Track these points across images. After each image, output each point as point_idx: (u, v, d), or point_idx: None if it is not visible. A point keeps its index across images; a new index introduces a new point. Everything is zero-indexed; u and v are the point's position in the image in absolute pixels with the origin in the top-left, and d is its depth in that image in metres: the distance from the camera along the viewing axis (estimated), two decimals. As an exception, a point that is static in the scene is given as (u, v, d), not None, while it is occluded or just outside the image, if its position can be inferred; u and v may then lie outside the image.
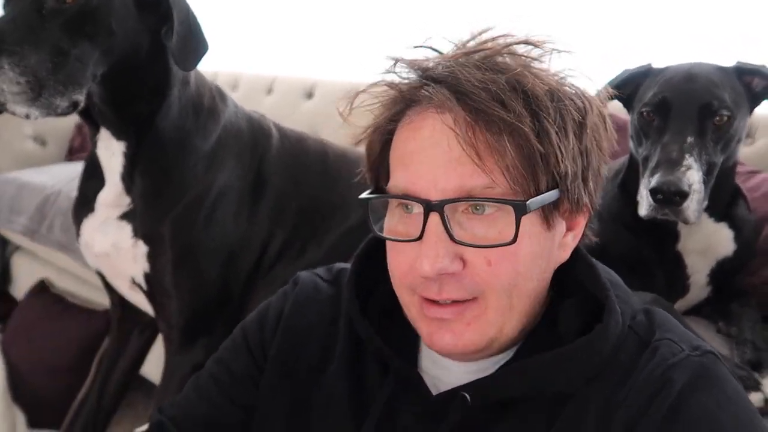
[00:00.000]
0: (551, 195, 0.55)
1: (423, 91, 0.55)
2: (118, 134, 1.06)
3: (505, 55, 0.56)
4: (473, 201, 0.54)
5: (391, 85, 0.59)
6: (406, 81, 0.58)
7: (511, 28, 0.59)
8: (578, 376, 0.56)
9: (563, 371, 0.56)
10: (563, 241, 0.60)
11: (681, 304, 1.12)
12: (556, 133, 0.54)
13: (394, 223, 0.58)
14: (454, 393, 0.58)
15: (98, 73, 0.97)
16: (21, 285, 2.11)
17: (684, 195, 0.91)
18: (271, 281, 1.16)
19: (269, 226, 1.16)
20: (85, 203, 1.16)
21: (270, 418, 0.68)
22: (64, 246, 1.76)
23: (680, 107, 0.96)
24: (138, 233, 1.08)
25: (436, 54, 0.59)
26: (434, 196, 0.54)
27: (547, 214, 0.56)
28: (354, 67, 2.34)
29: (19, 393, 1.77)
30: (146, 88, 1.04)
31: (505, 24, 0.59)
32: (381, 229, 0.60)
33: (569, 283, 0.62)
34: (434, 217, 0.54)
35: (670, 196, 0.91)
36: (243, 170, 1.14)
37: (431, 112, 0.55)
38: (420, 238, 0.54)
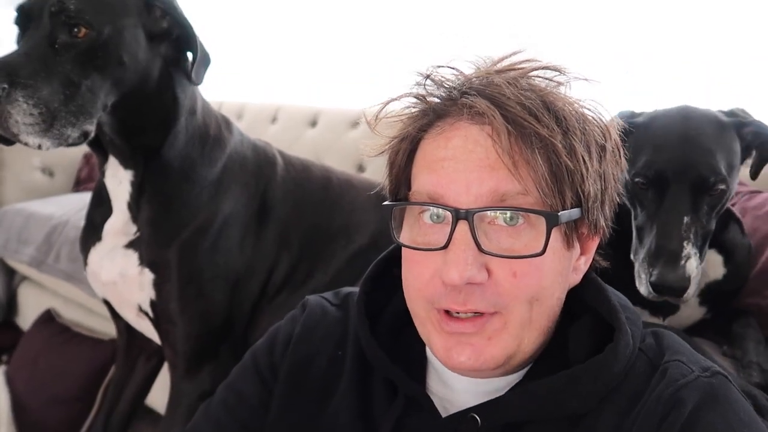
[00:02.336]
0: (575, 213, 0.56)
1: (463, 99, 0.56)
2: (126, 163, 1.08)
3: (531, 77, 0.58)
4: (505, 210, 0.54)
5: (420, 97, 0.60)
6: (435, 95, 0.59)
7: (531, 54, 0.61)
8: (589, 397, 0.56)
9: (574, 392, 0.56)
10: (576, 264, 0.61)
11: (674, 322, 1.11)
12: (583, 153, 0.55)
13: (414, 234, 0.58)
14: (465, 414, 0.58)
15: (109, 103, 0.99)
16: (27, 316, 2.11)
17: (685, 289, 0.90)
18: (277, 307, 1.16)
19: (275, 253, 1.17)
20: (92, 232, 1.17)
21: None
22: (71, 276, 1.77)
23: (676, 182, 0.92)
24: (144, 261, 1.09)
25: (459, 74, 0.60)
26: (464, 203, 0.55)
27: (569, 232, 0.57)
28: (356, 96, 2.38)
29: (23, 423, 1.76)
30: (155, 117, 1.06)
31: (523, 51, 0.61)
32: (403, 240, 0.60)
33: (577, 305, 0.63)
34: (462, 226, 0.54)
35: (672, 293, 0.90)
36: (248, 198, 1.15)
37: (464, 123, 0.56)
38: (446, 246, 0.54)
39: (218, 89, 2.77)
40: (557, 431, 0.57)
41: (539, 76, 0.58)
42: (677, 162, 0.92)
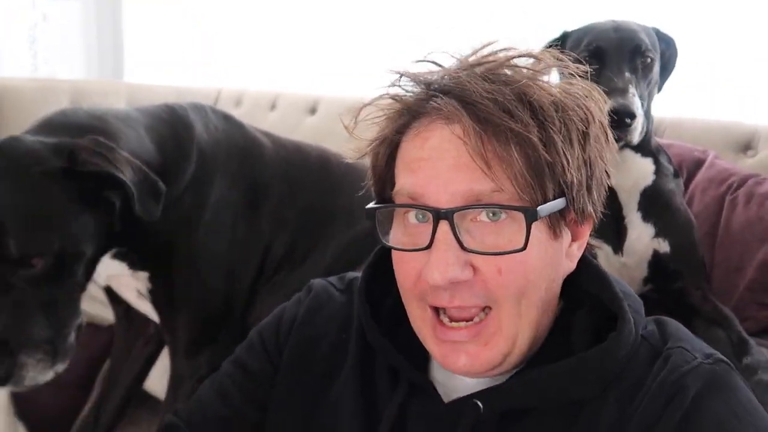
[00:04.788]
0: (558, 203, 0.56)
1: (432, 102, 0.56)
2: None
3: (508, 67, 0.57)
4: (483, 208, 0.54)
5: (395, 98, 0.60)
6: (411, 94, 0.59)
7: (512, 42, 0.60)
8: (593, 384, 0.57)
9: (578, 379, 0.57)
10: (569, 250, 0.61)
11: (629, 252, 1.17)
12: (562, 143, 0.55)
13: (400, 234, 0.59)
14: (467, 400, 0.58)
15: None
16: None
17: (634, 116, 1.05)
18: (274, 289, 1.16)
19: (270, 233, 1.16)
20: None
21: (281, 423, 0.68)
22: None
23: (615, 51, 1.11)
24: (135, 266, 1.10)
25: (438, 68, 0.60)
26: (444, 202, 0.55)
27: (554, 223, 0.57)
28: (357, 83, 2.37)
29: (22, 408, 1.76)
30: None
31: (505, 39, 0.60)
32: (388, 241, 0.61)
33: (578, 293, 0.63)
34: (443, 226, 0.54)
35: (623, 117, 1.04)
36: (232, 181, 1.14)
37: (439, 123, 0.56)
38: (429, 246, 0.55)
39: (216, 75, 2.77)
40: (560, 418, 0.57)
41: (517, 65, 0.57)
42: (613, 38, 1.12)
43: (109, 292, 1.24)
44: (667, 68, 1.21)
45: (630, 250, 1.17)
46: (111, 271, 1.11)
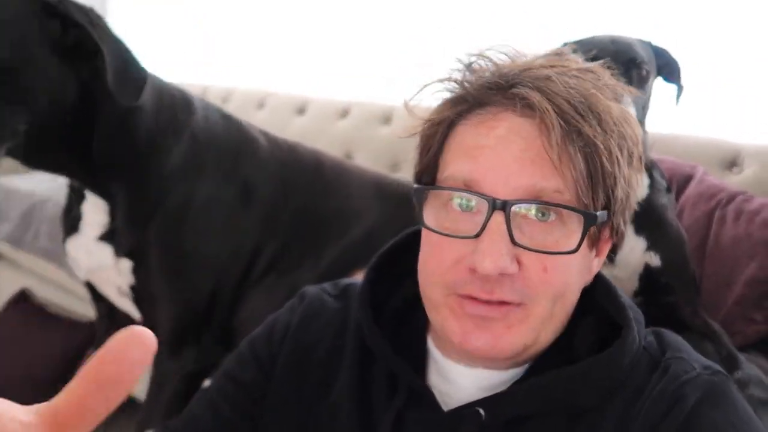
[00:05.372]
0: (604, 215, 0.56)
1: (514, 90, 0.55)
2: (61, 174, 1.05)
3: (572, 77, 0.57)
4: (547, 205, 0.54)
5: (459, 82, 0.59)
6: (472, 83, 0.58)
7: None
8: (596, 391, 0.57)
9: (581, 387, 0.56)
10: (591, 264, 0.61)
11: (621, 263, 1.17)
12: (617, 157, 0.55)
13: (443, 219, 0.57)
14: (468, 408, 0.58)
15: (20, 131, 0.91)
16: (1, 295, 2.06)
17: None
18: (263, 290, 1.15)
19: (259, 234, 1.14)
20: (70, 218, 1.14)
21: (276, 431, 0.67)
22: (50, 254, 1.73)
23: (611, 61, 1.11)
24: (119, 252, 1.07)
25: (492, 63, 0.59)
26: (501, 193, 0.54)
27: (595, 233, 0.57)
28: (346, 87, 2.36)
29: (-5, 406, 1.71)
30: (78, 129, 0.98)
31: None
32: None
33: (585, 302, 0.63)
34: (498, 216, 0.53)
35: None
36: (224, 178, 1.12)
37: (510, 113, 0.55)
38: (478, 235, 0.54)
39: (204, 73, 2.75)
40: (561, 426, 0.57)
41: (580, 76, 0.57)
42: (610, 49, 1.13)
43: (91, 289, 1.21)
44: (672, 76, 1.23)
45: (622, 263, 1.18)
46: (95, 260, 1.09)
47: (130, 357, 0.27)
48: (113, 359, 0.27)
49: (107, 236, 1.07)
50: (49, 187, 1.87)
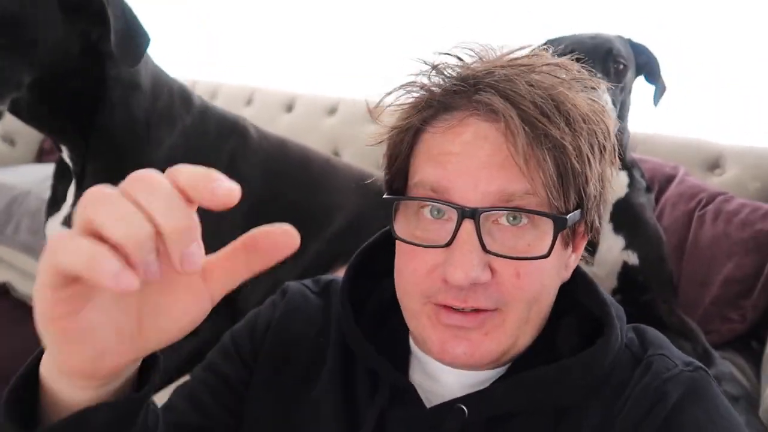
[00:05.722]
0: (577, 214, 0.56)
1: (477, 96, 0.54)
2: (58, 138, 1.04)
3: (538, 72, 0.56)
4: (513, 211, 0.53)
5: (424, 87, 0.58)
6: (438, 86, 0.57)
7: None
8: (578, 389, 0.56)
9: (564, 385, 0.56)
10: (567, 261, 0.60)
11: (599, 262, 1.19)
12: (587, 155, 0.55)
13: (414, 227, 0.57)
14: (451, 405, 0.57)
15: (24, 82, 0.92)
16: (-19, 289, 2.04)
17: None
18: (252, 285, 1.14)
19: (243, 227, 1.14)
20: (54, 203, 1.14)
21: (257, 428, 0.66)
22: (30, 248, 1.72)
23: (588, 54, 1.14)
24: None
25: (460, 63, 0.58)
26: (471, 200, 0.53)
27: (569, 233, 0.57)
28: (334, 84, 2.36)
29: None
30: (81, 93, 1.00)
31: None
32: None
33: (566, 300, 0.62)
34: (468, 225, 0.52)
35: None
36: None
37: (475, 119, 0.54)
38: (448, 244, 0.53)
39: (192, 67, 2.73)
40: (543, 423, 0.57)
41: (548, 72, 0.56)
42: (588, 44, 1.18)
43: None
44: (653, 75, 1.25)
45: (601, 261, 1.19)
46: None
47: (274, 236, 0.40)
48: (261, 233, 0.40)
49: (68, 220, 1.07)
50: (30, 180, 1.86)
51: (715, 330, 1.20)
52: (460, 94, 0.56)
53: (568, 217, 0.54)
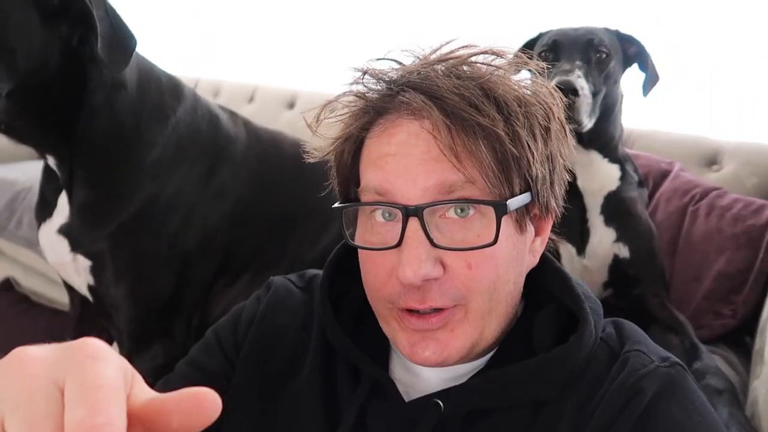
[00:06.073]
0: (525, 198, 0.56)
1: (399, 97, 0.56)
2: (41, 149, 1.01)
3: (468, 64, 0.57)
4: (453, 203, 0.54)
5: (359, 95, 0.59)
6: (374, 91, 0.58)
7: (472, 40, 0.60)
8: (553, 385, 0.57)
9: (539, 380, 0.57)
10: (532, 246, 0.61)
11: (590, 255, 1.20)
12: (527, 137, 0.55)
13: (368, 233, 0.58)
14: (428, 400, 0.58)
15: (2, 92, 0.89)
16: (-14, 284, 2.07)
17: (576, 92, 1.09)
18: (238, 288, 1.13)
19: (234, 233, 1.11)
20: (44, 208, 1.11)
21: (238, 420, 0.66)
22: (32, 243, 1.73)
23: (569, 44, 1.19)
24: (76, 248, 1.04)
25: (398, 66, 0.60)
26: (413, 197, 0.54)
27: (520, 217, 0.57)
28: (336, 79, 2.36)
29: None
30: (62, 101, 0.96)
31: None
32: (354, 240, 0.60)
33: (540, 294, 0.63)
34: (413, 223, 0.53)
35: (566, 93, 1.05)
36: (198, 175, 1.08)
37: (406, 119, 0.56)
38: (399, 245, 0.54)
39: (194, 65, 2.75)
40: (520, 418, 0.57)
41: (478, 62, 0.57)
42: (570, 34, 1.20)
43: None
44: (644, 65, 1.25)
45: (592, 253, 1.19)
46: (56, 253, 1.06)
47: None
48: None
49: (63, 230, 1.04)
50: (32, 176, 1.87)
51: (707, 325, 1.20)
52: (390, 96, 0.57)
53: (509, 202, 0.54)
